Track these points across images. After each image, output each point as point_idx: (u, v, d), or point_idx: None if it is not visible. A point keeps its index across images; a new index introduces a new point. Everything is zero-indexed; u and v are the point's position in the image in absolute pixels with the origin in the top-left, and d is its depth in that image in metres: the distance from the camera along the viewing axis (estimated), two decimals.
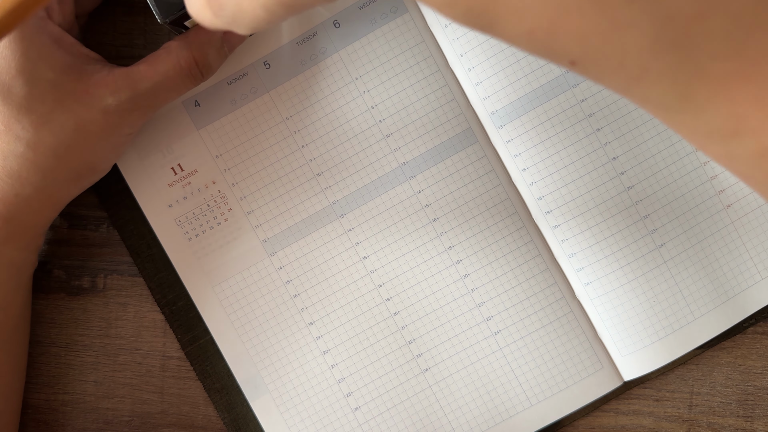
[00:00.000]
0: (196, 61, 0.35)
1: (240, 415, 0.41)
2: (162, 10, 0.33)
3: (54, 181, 0.35)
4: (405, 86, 0.40)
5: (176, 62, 0.34)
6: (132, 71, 0.34)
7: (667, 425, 0.40)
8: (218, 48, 0.35)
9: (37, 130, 0.33)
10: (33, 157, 0.34)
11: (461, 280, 0.40)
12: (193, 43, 0.35)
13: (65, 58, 0.33)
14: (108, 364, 0.41)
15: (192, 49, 0.35)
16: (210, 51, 0.35)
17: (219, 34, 0.35)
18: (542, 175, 0.39)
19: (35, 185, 0.35)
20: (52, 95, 0.33)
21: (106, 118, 0.34)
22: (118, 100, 0.34)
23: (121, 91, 0.34)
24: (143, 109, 0.35)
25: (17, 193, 0.34)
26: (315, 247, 0.40)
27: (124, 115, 0.34)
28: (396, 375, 0.40)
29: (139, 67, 0.34)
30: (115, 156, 0.37)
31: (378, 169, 0.40)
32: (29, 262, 0.38)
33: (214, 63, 0.36)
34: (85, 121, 0.34)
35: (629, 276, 0.39)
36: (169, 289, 0.40)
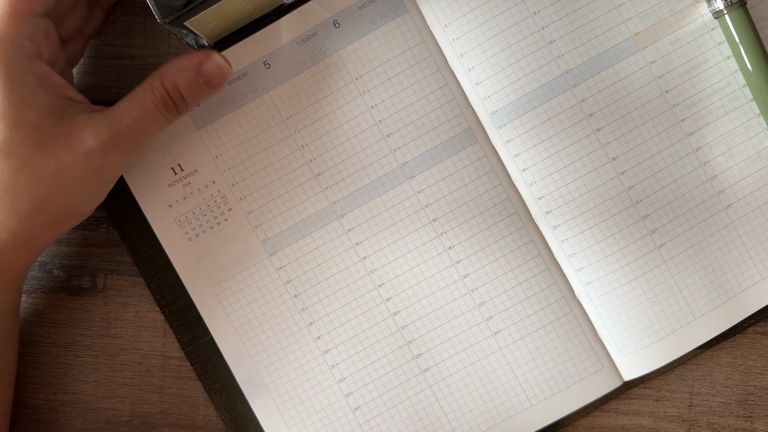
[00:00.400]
0: (167, 90, 0.34)
1: (240, 415, 0.41)
2: (161, 11, 0.33)
3: (32, 226, 0.34)
4: (405, 86, 0.40)
5: (150, 92, 0.34)
6: (112, 110, 0.34)
7: (667, 425, 0.40)
8: (190, 78, 0.34)
9: (17, 175, 0.33)
10: (11, 202, 0.33)
11: (461, 280, 0.40)
12: (165, 74, 0.34)
13: (49, 100, 0.33)
14: (108, 364, 0.41)
15: (164, 79, 0.34)
16: (179, 79, 0.34)
17: (192, 64, 0.34)
18: (542, 175, 0.39)
19: (12, 230, 0.34)
20: (33, 139, 0.32)
21: (88, 160, 0.33)
22: (100, 140, 0.33)
23: (102, 130, 0.33)
24: (125, 147, 0.34)
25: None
26: (315, 247, 0.40)
27: (106, 155, 0.34)
28: (396, 375, 0.40)
29: (119, 106, 0.34)
30: (96, 201, 0.36)
31: (378, 169, 0.40)
32: (9, 303, 0.37)
33: (187, 95, 0.35)
34: (66, 165, 0.33)
35: (629, 276, 0.39)
36: (169, 289, 0.40)
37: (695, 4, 0.39)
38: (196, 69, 0.35)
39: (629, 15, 0.39)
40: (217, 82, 0.35)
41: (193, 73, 0.35)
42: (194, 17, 0.34)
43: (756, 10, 0.39)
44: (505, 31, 0.38)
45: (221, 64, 0.35)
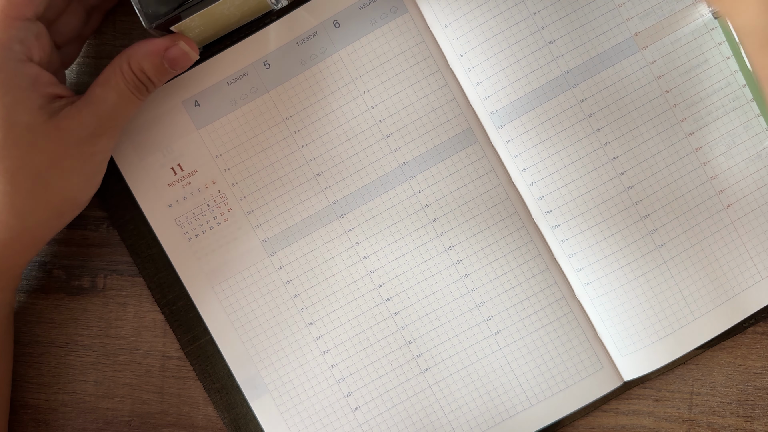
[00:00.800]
0: (134, 73, 0.35)
1: (240, 415, 0.41)
2: (147, 16, 0.33)
3: (34, 223, 0.35)
4: (405, 86, 0.40)
5: (120, 75, 0.35)
6: (90, 97, 0.35)
7: (667, 425, 0.40)
8: (156, 62, 0.35)
9: (13, 175, 0.33)
10: (11, 202, 0.34)
11: (461, 280, 0.40)
12: (132, 57, 0.35)
13: (39, 100, 0.33)
14: (108, 364, 0.41)
15: (131, 62, 0.35)
16: (145, 63, 0.35)
17: (158, 47, 0.35)
18: (542, 175, 0.39)
19: (15, 229, 0.35)
20: (26, 138, 0.33)
21: (79, 149, 0.34)
22: (88, 130, 0.34)
23: (88, 119, 0.34)
24: (111, 131, 0.35)
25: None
26: (315, 247, 0.40)
27: (95, 141, 0.35)
28: (396, 375, 0.40)
29: (95, 91, 0.35)
30: (93, 186, 0.37)
31: (378, 169, 0.40)
32: (7, 302, 0.38)
33: (154, 76, 0.35)
34: (60, 158, 0.34)
35: (629, 276, 0.39)
36: (169, 289, 0.40)
37: (695, 4, 0.39)
38: (161, 54, 0.35)
39: (629, 15, 0.39)
40: (183, 65, 0.36)
41: (158, 58, 0.35)
42: (180, 22, 0.34)
43: None
44: (505, 31, 0.38)
45: (186, 50, 0.36)
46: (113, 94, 0.35)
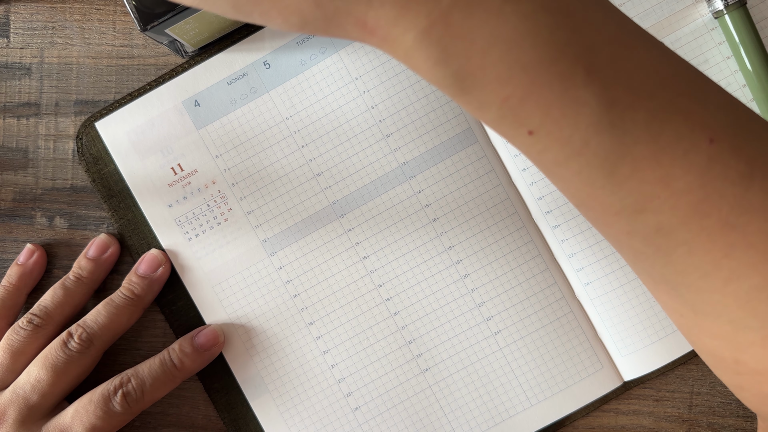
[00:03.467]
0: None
1: (240, 415, 0.41)
2: (142, 18, 0.33)
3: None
4: (405, 86, 0.40)
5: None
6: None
7: (667, 425, 0.40)
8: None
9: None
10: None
11: (461, 280, 0.40)
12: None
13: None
14: (108, 365, 0.41)
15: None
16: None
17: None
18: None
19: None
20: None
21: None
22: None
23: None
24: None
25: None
26: (315, 247, 0.40)
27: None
28: (396, 375, 0.40)
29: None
30: None
31: (378, 169, 0.40)
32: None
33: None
34: None
35: (629, 276, 0.39)
36: (169, 289, 0.40)
37: (695, 4, 0.39)
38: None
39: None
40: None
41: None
42: (176, 24, 0.34)
43: (756, 10, 0.39)
44: None
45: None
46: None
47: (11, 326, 0.39)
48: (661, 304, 0.28)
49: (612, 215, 0.25)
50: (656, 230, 0.24)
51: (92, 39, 0.41)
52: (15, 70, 0.41)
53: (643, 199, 0.24)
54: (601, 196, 0.24)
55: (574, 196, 0.25)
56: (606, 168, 0.23)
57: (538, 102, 0.22)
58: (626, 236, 0.25)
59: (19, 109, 0.41)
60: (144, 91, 0.40)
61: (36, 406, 0.37)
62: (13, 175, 0.41)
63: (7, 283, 0.40)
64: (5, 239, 0.41)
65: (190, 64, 0.40)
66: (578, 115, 0.22)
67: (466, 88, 0.23)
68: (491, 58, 0.22)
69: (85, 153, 0.40)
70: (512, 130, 0.24)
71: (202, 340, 0.39)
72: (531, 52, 0.22)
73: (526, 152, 0.25)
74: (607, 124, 0.23)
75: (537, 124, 0.23)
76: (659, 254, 0.25)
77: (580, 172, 0.24)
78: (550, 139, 0.23)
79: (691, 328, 0.27)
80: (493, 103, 0.23)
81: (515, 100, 0.23)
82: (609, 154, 0.23)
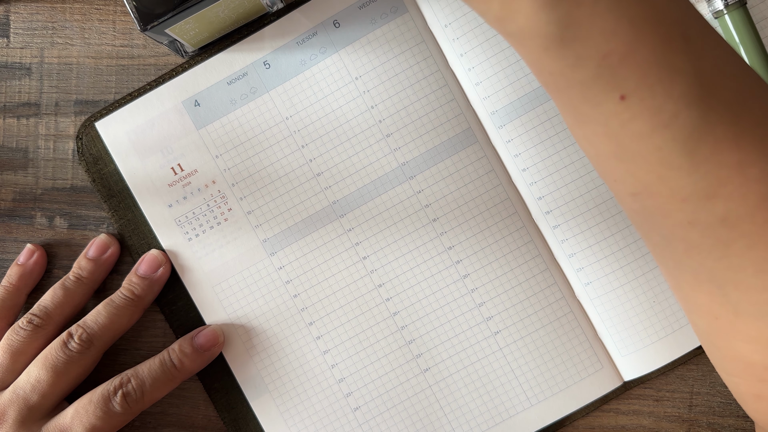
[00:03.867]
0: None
1: (240, 415, 0.41)
2: (142, 18, 0.33)
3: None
4: (405, 86, 0.40)
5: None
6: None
7: (667, 425, 0.40)
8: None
9: None
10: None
11: (461, 280, 0.40)
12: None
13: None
14: (108, 364, 0.41)
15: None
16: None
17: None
18: (542, 175, 0.39)
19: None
20: None
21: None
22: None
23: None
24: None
25: None
26: (315, 247, 0.40)
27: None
28: (396, 375, 0.40)
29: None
30: None
31: (378, 169, 0.40)
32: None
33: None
34: None
35: (629, 276, 0.39)
36: (169, 289, 0.40)
37: (695, 3, 0.39)
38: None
39: None
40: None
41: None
42: (175, 25, 0.34)
43: (756, 10, 0.39)
44: None
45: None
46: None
47: (11, 326, 0.39)
48: (693, 307, 0.27)
49: (678, 201, 0.24)
50: (722, 220, 0.23)
51: (92, 39, 0.41)
52: (15, 70, 0.41)
53: (717, 183, 0.23)
54: (674, 177, 0.23)
55: (641, 179, 0.24)
56: (688, 146, 0.23)
57: (638, 62, 0.22)
58: (685, 227, 0.24)
59: (19, 109, 0.41)
60: (144, 91, 0.40)
61: (36, 407, 0.37)
62: (13, 175, 0.41)
63: (7, 283, 0.40)
64: (5, 239, 0.41)
65: (190, 64, 0.40)
66: (673, 83, 0.22)
67: (567, 38, 0.22)
68: (601, 6, 0.21)
69: (85, 153, 0.40)
70: (603, 94, 0.23)
71: (202, 340, 0.39)
72: (638, 7, 0.21)
73: (605, 123, 0.23)
74: (697, 97, 0.22)
75: (632, 88, 0.22)
76: (717, 246, 0.24)
77: (661, 147, 0.23)
78: (642, 107, 0.22)
79: (724, 331, 0.26)
80: (591, 59, 0.22)
81: (616, 58, 0.22)
82: (693, 131, 0.22)
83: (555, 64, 0.23)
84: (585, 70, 0.22)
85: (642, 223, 0.27)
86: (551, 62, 0.23)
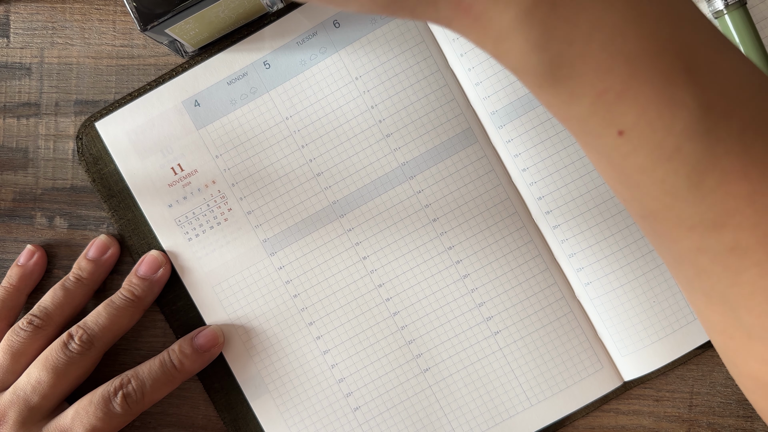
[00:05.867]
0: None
1: (240, 415, 0.41)
2: (142, 18, 0.33)
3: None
4: (405, 86, 0.40)
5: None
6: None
7: (667, 425, 0.40)
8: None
9: None
10: None
11: (461, 280, 0.40)
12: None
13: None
14: (108, 364, 0.41)
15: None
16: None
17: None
18: (542, 175, 0.39)
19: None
20: None
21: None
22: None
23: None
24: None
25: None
26: (315, 247, 0.40)
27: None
28: (396, 375, 0.40)
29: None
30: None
31: (378, 169, 0.40)
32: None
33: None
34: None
35: (629, 276, 0.39)
36: (169, 289, 0.40)
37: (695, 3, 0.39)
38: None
39: None
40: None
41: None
42: (175, 25, 0.34)
43: (756, 10, 0.39)
44: None
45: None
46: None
47: (11, 327, 0.39)
48: (708, 324, 0.27)
49: (686, 229, 0.23)
50: (731, 249, 0.23)
51: (92, 39, 0.41)
52: (15, 70, 0.41)
53: (725, 214, 0.22)
54: (680, 207, 0.23)
55: (647, 206, 0.24)
56: (693, 178, 0.22)
57: (636, 98, 0.21)
58: (694, 253, 0.24)
59: (19, 109, 0.41)
60: (144, 91, 0.40)
61: (36, 408, 0.37)
62: (13, 175, 0.41)
63: (7, 284, 0.40)
64: (5, 239, 0.41)
65: (190, 64, 0.40)
66: (675, 117, 0.21)
67: (560, 78, 0.21)
68: (594, 44, 0.21)
69: (85, 153, 0.40)
70: (601, 129, 0.22)
71: (202, 340, 0.39)
72: (635, 43, 0.21)
73: (607, 154, 0.23)
74: (703, 129, 0.21)
75: (630, 124, 0.21)
76: (727, 273, 0.23)
77: (664, 180, 0.22)
78: (641, 141, 0.22)
79: (738, 351, 0.26)
80: (586, 96, 0.21)
81: (612, 95, 0.21)
82: (698, 163, 0.21)
83: (550, 100, 0.23)
84: (580, 107, 0.22)
85: (653, 242, 0.26)
86: (546, 98, 0.23)
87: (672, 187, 0.22)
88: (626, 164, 0.23)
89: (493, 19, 0.21)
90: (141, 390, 0.38)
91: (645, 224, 0.25)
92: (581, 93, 0.21)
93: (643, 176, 0.23)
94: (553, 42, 0.21)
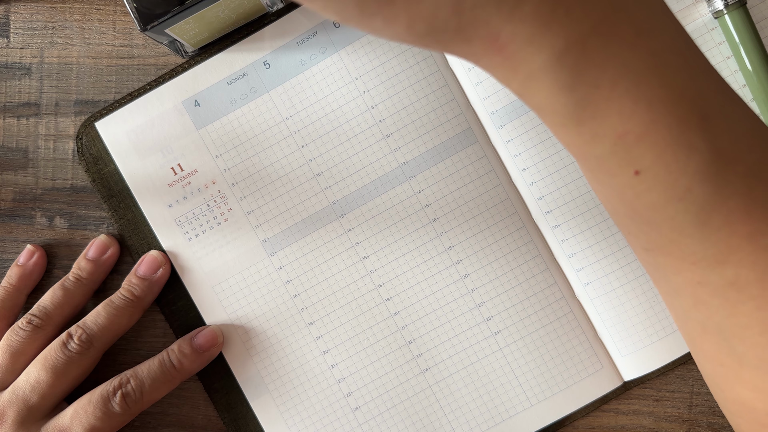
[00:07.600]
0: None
1: (240, 415, 0.41)
2: (142, 18, 0.33)
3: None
4: (405, 86, 0.40)
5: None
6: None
7: (667, 425, 0.40)
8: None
9: None
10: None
11: (461, 280, 0.40)
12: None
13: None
14: (108, 365, 0.41)
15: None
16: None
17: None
18: (542, 175, 0.39)
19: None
20: None
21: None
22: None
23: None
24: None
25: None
26: (315, 247, 0.40)
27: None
28: (396, 375, 0.40)
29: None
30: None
31: (378, 169, 0.40)
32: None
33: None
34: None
35: (629, 276, 0.39)
36: (169, 289, 0.40)
37: (695, 4, 0.39)
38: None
39: None
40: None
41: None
42: (175, 25, 0.34)
43: (756, 10, 0.39)
44: None
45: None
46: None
47: (11, 327, 0.39)
48: (699, 351, 0.28)
49: (689, 263, 0.24)
50: (731, 283, 0.24)
51: (92, 39, 0.41)
52: (15, 70, 0.41)
53: (727, 251, 0.24)
54: (685, 243, 0.24)
55: (654, 240, 0.25)
56: (701, 217, 0.23)
57: (655, 141, 0.22)
58: (694, 286, 0.25)
59: (19, 109, 0.41)
60: (144, 91, 0.40)
61: (35, 407, 0.37)
62: (13, 175, 0.41)
63: (7, 284, 0.40)
64: (5, 239, 0.41)
65: (190, 64, 0.40)
66: (689, 160, 0.22)
67: (584, 118, 0.22)
68: (619, 89, 0.22)
69: (85, 153, 0.40)
70: (618, 168, 0.23)
71: (201, 340, 0.39)
72: (657, 90, 0.22)
73: (620, 191, 0.24)
74: (713, 172, 0.22)
75: (647, 165, 0.23)
76: (725, 306, 0.25)
77: (673, 217, 0.23)
78: (656, 181, 0.23)
79: (728, 378, 0.27)
80: (607, 137, 0.23)
81: (632, 137, 0.22)
82: (706, 203, 0.23)
83: (572, 139, 0.24)
84: (601, 147, 0.23)
85: (653, 273, 0.27)
86: (567, 136, 0.24)
87: (680, 224, 0.24)
88: (639, 202, 0.24)
89: (525, 59, 0.22)
90: (140, 390, 0.38)
91: (647, 256, 0.26)
92: (603, 134, 0.23)
93: (654, 213, 0.24)
94: (581, 85, 0.22)
